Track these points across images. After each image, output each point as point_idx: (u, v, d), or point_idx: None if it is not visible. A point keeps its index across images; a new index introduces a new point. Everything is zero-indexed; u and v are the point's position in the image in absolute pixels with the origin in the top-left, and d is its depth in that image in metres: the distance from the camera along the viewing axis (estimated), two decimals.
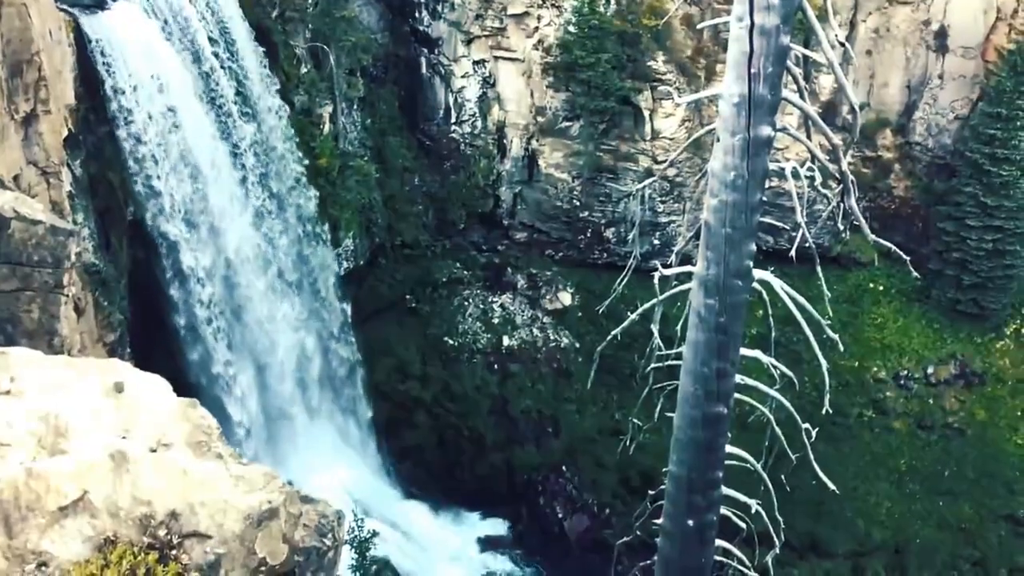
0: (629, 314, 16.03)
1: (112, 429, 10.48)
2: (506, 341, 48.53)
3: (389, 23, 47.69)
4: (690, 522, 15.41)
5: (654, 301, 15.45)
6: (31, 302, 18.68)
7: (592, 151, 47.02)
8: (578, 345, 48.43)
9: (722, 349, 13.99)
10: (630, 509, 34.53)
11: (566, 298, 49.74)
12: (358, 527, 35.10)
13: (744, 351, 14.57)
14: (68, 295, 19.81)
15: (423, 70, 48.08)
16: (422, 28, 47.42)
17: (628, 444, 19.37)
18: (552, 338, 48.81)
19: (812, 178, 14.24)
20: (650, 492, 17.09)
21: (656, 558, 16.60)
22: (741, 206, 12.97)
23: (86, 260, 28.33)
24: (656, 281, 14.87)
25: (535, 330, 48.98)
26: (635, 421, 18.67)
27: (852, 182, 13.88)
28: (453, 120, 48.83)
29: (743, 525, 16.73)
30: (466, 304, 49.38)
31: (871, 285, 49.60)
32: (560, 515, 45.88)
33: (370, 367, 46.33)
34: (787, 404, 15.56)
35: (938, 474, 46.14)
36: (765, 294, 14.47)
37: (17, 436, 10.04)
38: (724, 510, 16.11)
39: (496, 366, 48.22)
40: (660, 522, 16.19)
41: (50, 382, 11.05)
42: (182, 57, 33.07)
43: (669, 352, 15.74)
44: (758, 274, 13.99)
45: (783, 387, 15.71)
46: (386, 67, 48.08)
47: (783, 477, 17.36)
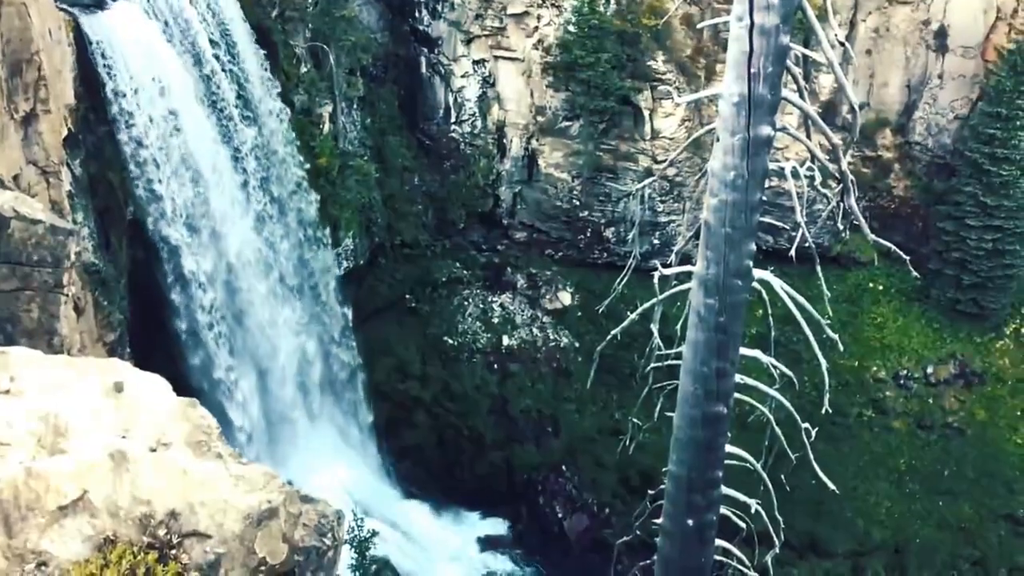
0: (629, 314, 16.06)
1: (112, 429, 10.47)
2: (506, 341, 48.52)
3: (389, 23, 47.69)
4: (690, 522, 15.43)
5: (654, 301, 15.47)
6: (31, 301, 18.65)
7: (592, 151, 47.00)
8: (578, 345, 48.40)
9: (722, 349, 14.00)
10: (630, 509, 34.54)
11: (566, 298, 49.72)
12: (358, 527, 35.12)
13: (744, 351, 14.59)
14: (68, 295, 19.79)
15: (423, 70, 48.07)
16: (422, 28, 47.42)
17: (628, 444, 19.37)
18: (552, 338, 48.80)
19: (812, 178, 14.25)
20: (650, 492, 17.12)
21: (656, 558, 16.62)
22: (741, 206, 12.99)
23: (86, 260, 28.28)
24: (656, 281, 14.89)
25: (535, 330, 48.97)
26: (635, 421, 18.69)
27: (852, 182, 13.90)
28: (453, 120, 48.81)
29: (743, 525, 16.75)
30: (466, 304, 49.36)
31: (871, 285, 49.57)
32: (560, 515, 45.85)
33: (370, 367, 46.30)
34: (787, 404, 15.58)
35: (938, 474, 46.11)
36: (765, 294, 14.49)
37: (17, 436, 10.03)
38: (724, 510, 16.12)
39: (496, 366, 48.19)
40: (660, 522, 16.21)
41: (50, 382, 11.03)
42: (183, 59, 32.88)
43: (669, 352, 15.76)
44: (758, 274, 14.00)
45: (783, 387, 15.73)
46: (386, 67, 48.06)
47: (783, 477, 17.37)
